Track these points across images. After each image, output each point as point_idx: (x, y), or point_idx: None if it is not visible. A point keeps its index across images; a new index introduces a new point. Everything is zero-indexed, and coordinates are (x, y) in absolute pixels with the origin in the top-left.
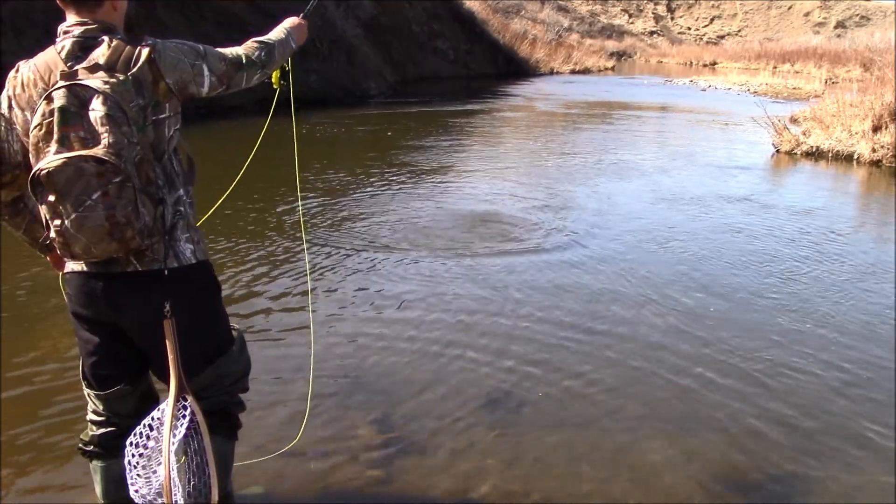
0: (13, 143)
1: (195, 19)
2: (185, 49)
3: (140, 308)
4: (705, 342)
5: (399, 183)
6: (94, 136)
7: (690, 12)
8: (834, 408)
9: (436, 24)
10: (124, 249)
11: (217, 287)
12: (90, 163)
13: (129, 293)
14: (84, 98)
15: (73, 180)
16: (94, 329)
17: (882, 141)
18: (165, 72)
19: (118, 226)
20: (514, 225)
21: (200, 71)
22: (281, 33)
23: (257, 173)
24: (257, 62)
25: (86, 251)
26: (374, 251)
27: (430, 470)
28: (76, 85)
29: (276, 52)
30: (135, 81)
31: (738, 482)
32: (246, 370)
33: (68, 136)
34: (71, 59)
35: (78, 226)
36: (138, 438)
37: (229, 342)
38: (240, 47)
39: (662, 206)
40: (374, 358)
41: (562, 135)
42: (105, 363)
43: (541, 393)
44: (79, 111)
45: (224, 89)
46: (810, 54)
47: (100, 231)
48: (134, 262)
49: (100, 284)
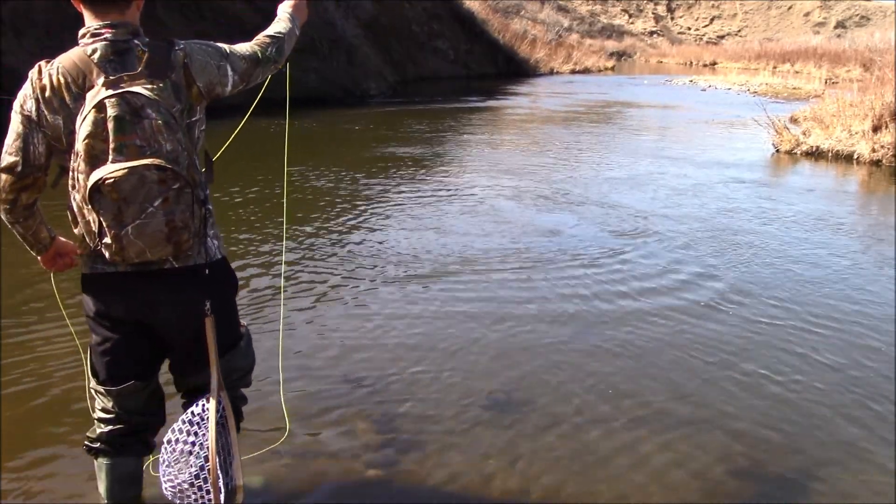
0: (38, 146)
1: (195, 19)
2: (210, 51)
3: (175, 304)
4: (706, 342)
5: (411, 185)
6: (149, 143)
7: (690, 12)
8: (835, 407)
9: (436, 24)
10: (177, 251)
11: (236, 283)
12: (152, 171)
13: (166, 290)
14: (136, 106)
15: (137, 188)
16: (117, 327)
17: (882, 141)
18: (196, 75)
19: (176, 230)
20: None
21: (225, 71)
22: (286, 23)
23: (257, 169)
24: (271, 58)
25: (140, 255)
26: (382, 254)
27: (430, 470)
28: (127, 93)
29: (286, 45)
30: (174, 87)
31: (738, 482)
32: (251, 366)
33: (125, 144)
34: (105, 63)
35: (138, 232)
36: (177, 434)
37: (239, 338)
38: (252, 43)
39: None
40: (375, 358)
41: (563, 137)
42: (123, 360)
43: (541, 392)
44: (133, 119)
45: (244, 87)
46: (810, 54)
47: (158, 236)
48: (171, 260)
49: (135, 282)
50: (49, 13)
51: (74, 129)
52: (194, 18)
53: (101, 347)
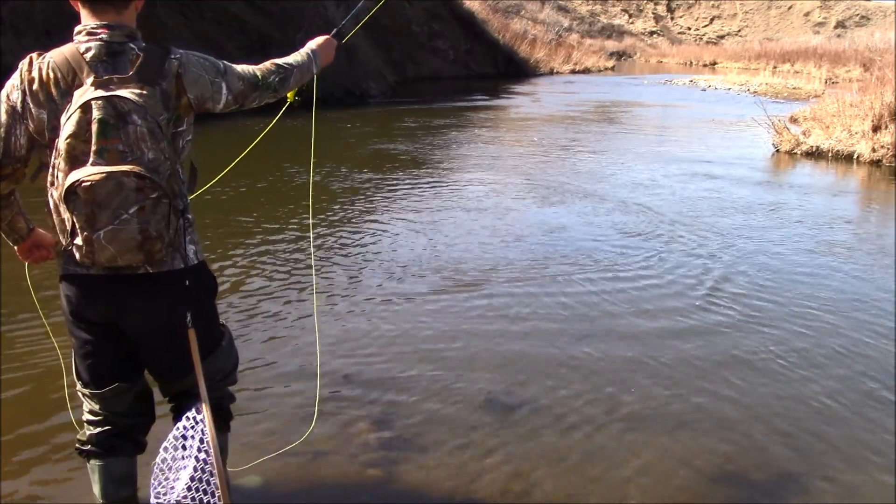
0: (20, 138)
1: (195, 19)
2: (207, 65)
3: (148, 310)
4: (706, 341)
5: (416, 184)
6: (131, 149)
7: (690, 12)
8: (834, 407)
9: (436, 24)
10: (149, 259)
11: (215, 287)
12: (131, 178)
13: (137, 295)
14: (122, 111)
15: (112, 194)
16: (92, 329)
17: (882, 141)
18: (188, 87)
19: (149, 239)
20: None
21: (219, 89)
22: (303, 56)
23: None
24: (272, 86)
25: (110, 260)
26: (391, 260)
27: (430, 470)
28: (114, 97)
29: (293, 78)
30: (163, 95)
31: (738, 482)
32: (235, 364)
33: (107, 148)
34: (97, 63)
35: (110, 238)
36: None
37: (220, 339)
38: (257, 67)
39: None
40: (375, 357)
41: (563, 136)
42: (103, 362)
43: (541, 393)
44: (117, 124)
45: (237, 107)
46: (810, 54)
47: (131, 243)
48: (145, 265)
49: (108, 286)
50: (49, 13)
51: (58, 125)
52: (194, 18)
53: (81, 350)
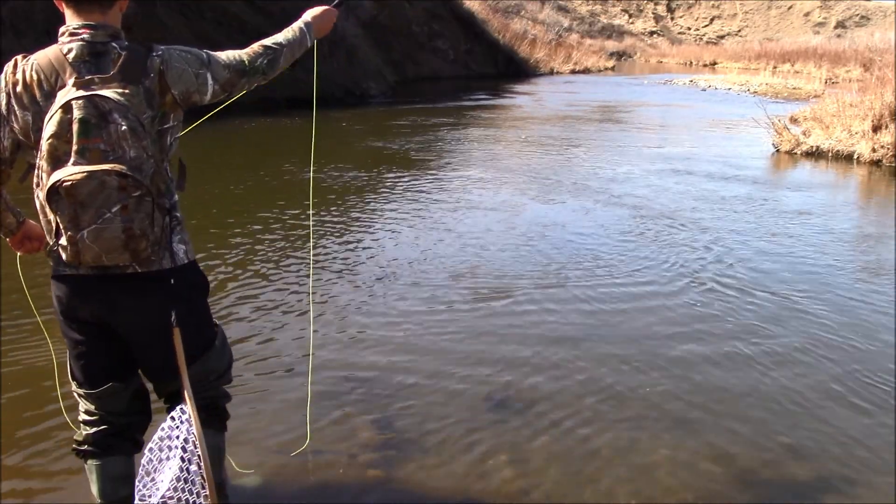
0: (4, 140)
1: (195, 19)
2: (190, 58)
3: (138, 309)
4: (707, 342)
5: (421, 189)
6: (113, 149)
7: (690, 12)
8: (835, 406)
9: (436, 24)
10: (135, 258)
11: (206, 286)
12: (112, 176)
13: (127, 294)
14: (103, 110)
15: (94, 193)
16: (84, 329)
17: (882, 141)
18: (172, 83)
19: (134, 238)
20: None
21: (205, 80)
22: (295, 32)
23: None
24: (259, 69)
25: (96, 259)
26: (389, 260)
27: (430, 470)
28: (95, 96)
29: (284, 57)
30: (146, 93)
31: (738, 483)
32: (229, 364)
33: (88, 147)
34: (80, 63)
35: (94, 237)
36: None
37: (213, 338)
38: (243, 51)
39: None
40: (375, 357)
41: (563, 136)
42: (96, 362)
43: (541, 393)
44: (98, 123)
45: (226, 96)
46: (810, 54)
47: (115, 242)
48: (133, 265)
49: (97, 286)
50: (49, 13)
51: (42, 127)
52: (194, 18)
53: (74, 351)
